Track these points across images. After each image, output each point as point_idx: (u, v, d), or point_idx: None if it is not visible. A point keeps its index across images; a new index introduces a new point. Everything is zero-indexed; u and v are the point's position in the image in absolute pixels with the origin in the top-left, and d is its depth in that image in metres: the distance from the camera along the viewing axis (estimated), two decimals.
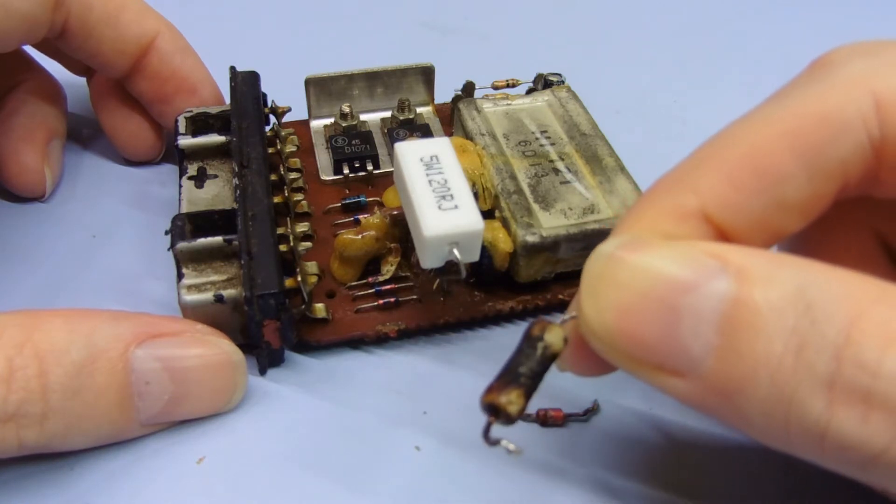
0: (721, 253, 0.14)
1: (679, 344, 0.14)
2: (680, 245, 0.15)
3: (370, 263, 0.23)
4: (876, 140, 0.15)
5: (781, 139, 0.15)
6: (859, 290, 0.13)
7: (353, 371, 0.22)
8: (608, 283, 0.15)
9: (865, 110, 0.15)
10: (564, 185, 0.24)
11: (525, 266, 0.22)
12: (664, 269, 0.14)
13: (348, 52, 0.35)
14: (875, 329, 0.13)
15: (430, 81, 0.29)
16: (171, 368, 0.19)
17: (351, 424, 0.20)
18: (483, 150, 0.24)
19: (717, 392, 0.14)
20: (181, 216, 0.21)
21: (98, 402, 0.18)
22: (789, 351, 0.13)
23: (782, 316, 0.13)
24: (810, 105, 0.15)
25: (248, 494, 0.19)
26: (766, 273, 0.14)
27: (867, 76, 0.15)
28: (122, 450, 0.19)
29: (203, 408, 0.20)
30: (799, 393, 0.13)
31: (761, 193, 0.15)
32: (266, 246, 0.20)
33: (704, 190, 0.16)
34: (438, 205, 0.19)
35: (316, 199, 0.25)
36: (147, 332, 0.19)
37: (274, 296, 0.20)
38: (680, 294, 0.14)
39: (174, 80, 0.26)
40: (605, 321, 0.15)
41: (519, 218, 0.22)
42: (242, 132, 0.24)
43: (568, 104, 0.27)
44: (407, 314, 0.22)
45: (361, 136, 0.27)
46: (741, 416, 0.14)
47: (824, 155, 0.15)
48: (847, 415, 0.13)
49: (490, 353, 0.22)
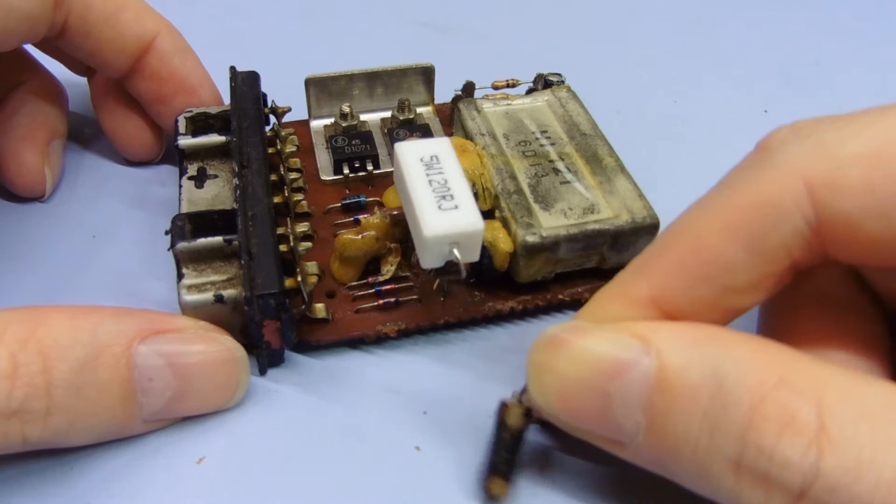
0: (645, 334, 0.16)
1: (613, 423, 0.16)
2: (610, 327, 0.17)
3: (370, 263, 0.23)
4: (813, 223, 0.16)
5: (723, 230, 0.16)
6: (765, 371, 0.15)
7: (353, 371, 0.22)
8: (548, 370, 0.17)
9: (798, 196, 0.16)
10: (564, 186, 0.24)
11: (525, 266, 0.22)
12: (595, 350, 0.16)
13: (348, 52, 0.35)
14: (773, 414, 0.14)
15: (431, 81, 0.29)
16: (175, 365, 0.19)
17: (351, 424, 0.20)
18: (483, 151, 0.24)
19: (651, 461, 0.16)
20: (181, 216, 0.21)
21: (101, 398, 0.18)
22: (703, 432, 0.15)
23: (696, 400, 0.15)
24: (748, 195, 0.16)
25: (248, 494, 0.19)
26: (683, 357, 0.15)
27: (798, 161, 0.16)
28: (122, 449, 0.19)
29: (206, 405, 0.20)
30: (714, 469, 0.15)
31: (709, 281, 0.16)
32: (266, 246, 0.20)
33: (656, 279, 0.17)
34: (438, 205, 0.19)
35: (316, 199, 0.25)
36: (150, 328, 0.19)
37: (274, 296, 0.20)
38: (609, 380, 0.16)
39: (173, 81, 0.26)
40: (549, 404, 0.17)
41: (519, 218, 0.22)
42: (242, 132, 0.24)
43: (568, 104, 0.27)
44: (407, 314, 0.22)
45: (361, 136, 0.27)
46: (676, 480, 0.16)
47: (765, 242, 0.16)
48: (752, 491, 0.14)
49: (490, 354, 0.23)
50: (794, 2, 0.41)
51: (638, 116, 0.32)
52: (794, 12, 0.40)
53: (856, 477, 0.13)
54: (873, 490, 0.13)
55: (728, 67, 0.36)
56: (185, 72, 0.26)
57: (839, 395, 0.14)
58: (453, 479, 0.19)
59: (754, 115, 0.33)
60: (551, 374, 0.17)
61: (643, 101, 0.33)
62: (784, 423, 0.14)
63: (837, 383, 0.14)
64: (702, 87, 0.34)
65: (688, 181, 0.26)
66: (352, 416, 0.21)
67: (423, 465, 0.20)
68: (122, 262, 0.24)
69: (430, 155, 0.20)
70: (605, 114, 0.29)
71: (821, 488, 0.13)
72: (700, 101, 0.33)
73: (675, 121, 0.32)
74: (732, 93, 0.34)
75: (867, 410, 0.14)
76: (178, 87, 0.26)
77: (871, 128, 0.16)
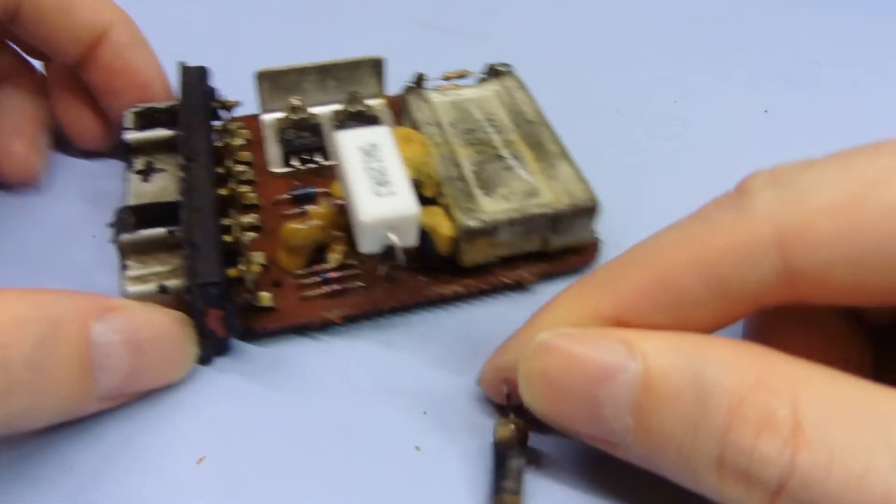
0: (630, 339, 0.16)
1: (603, 425, 0.17)
2: (596, 333, 0.17)
3: (317, 252, 0.23)
4: (782, 273, 0.16)
5: (693, 268, 0.17)
6: (744, 372, 0.15)
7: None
8: (539, 376, 0.18)
9: (770, 246, 0.16)
10: (508, 172, 0.24)
11: (467, 250, 0.23)
12: (584, 356, 0.17)
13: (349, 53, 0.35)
14: (751, 414, 0.15)
15: (381, 74, 0.29)
16: (130, 340, 0.19)
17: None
18: (428, 140, 0.25)
19: (640, 459, 0.17)
20: (124, 209, 0.21)
21: (61, 376, 0.18)
22: (687, 433, 0.15)
23: (680, 402, 0.16)
24: (720, 236, 0.17)
25: (249, 494, 0.19)
26: (667, 361, 0.16)
27: (772, 210, 0.16)
28: (121, 449, 0.19)
29: (158, 379, 0.20)
30: (698, 467, 0.15)
31: (672, 310, 0.17)
32: (209, 236, 0.21)
33: (620, 300, 0.18)
34: (375, 191, 0.20)
35: (265, 192, 0.26)
36: (103, 305, 0.19)
37: (216, 285, 0.20)
38: (598, 384, 0.16)
39: (125, 74, 0.26)
40: (541, 408, 0.18)
41: (461, 204, 0.23)
42: (189, 126, 0.24)
43: (515, 93, 0.27)
44: (353, 301, 0.23)
45: (311, 128, 0.27)
46: (665, 476, 0.17)
47: (732, 285, 0.16)
48: (733, 488, 0.15)
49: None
50: (794, 2, 0.40)
51: (638, 116, 0.32)
52: (794, 12, 0.40)
53: (827, 473, 0.14)
54: (843, 484, 0.14)
55: (728, 67, 0.35)
56: (138, 65, 0.26)
57: (814, 392, 0.15)
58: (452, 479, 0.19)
59: (754, 115, 0.32)
60: (543, 380, 0.17)
61: (643, 101, 0.33)
62: (762, 423, 0.15)
63: (813, 381, 0.15)
64: (702, 87, 0.34)
65: (688, 181, 0.27)
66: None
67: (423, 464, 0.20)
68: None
69: (369, 143, 0.21)
70: (606, 114, 0.30)
71: (796, 483, 0.14)
72: (700, 101, 0.33)
73: (676, 121, 0.32)
74: (732, 93, 0.34)
75: (840, 408, 0.15)
76: (129, 81, 0.26)
77: (844, 174, 0.16)
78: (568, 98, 0.31)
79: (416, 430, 0.20)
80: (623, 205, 0.26)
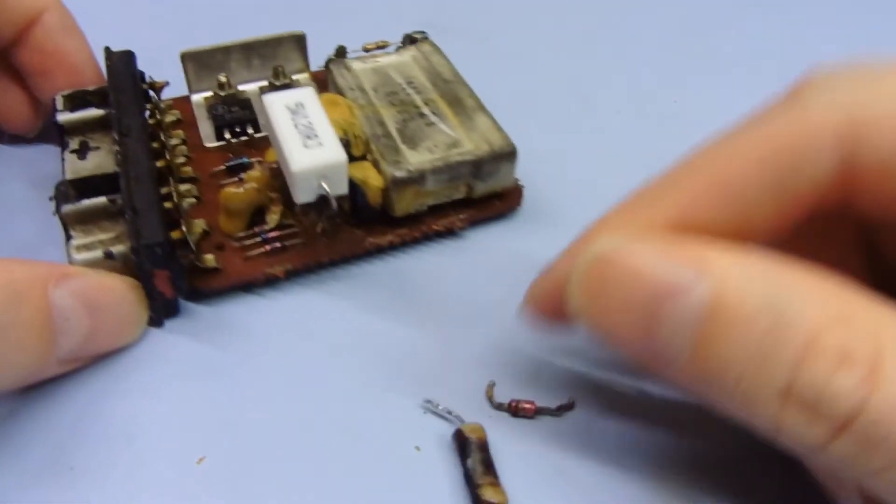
0: (702, 256, 0.15)
1: (657, 346, 0.16)
2: (662, 246, 0.16)
3: (256, 215, 0.25)
4: (847, 161, 0.15)
5: (749, 163, 0.16)
6: (825, 306, 0.15)
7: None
8: (594, 289, 0.16)
9: (836, 132, 0.15)
10: (430, 127, 0.26)
11: (398, 200, 0.24)
12: (647, 273, 0.16)
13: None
14: (828, 350, 0.14)
15: (304, 49, 0.30)
16: (88, 303, 0.20)
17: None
18: (353, 103, 0.26)
19: (688, 383, 0.16)
20: (63, 182, 0.22)
21: (24, 338, 0.18)
22: (753, 361, 0.15)
23: (751, 329, 0.15)
24: (785, 126, 0.16)
25: (249, 494, 0.19)
26: (742, 285, 0.15)
27: (840, 96, 0.16)
28: (121, 449, 0.20)
29: (115, 341, 0.21)
30: (759, 396, 0.15)
31: (731, 212, 0.16)
32: (149, 202, 0.22)
33: (679, 205, 0.17)
34: (304, 143, 0.21)
35: (201, 166, 0.27)
36: (59, 271, 0.20)
37: (160, 244, 0.21)
38: (659, 304, 0.15)
39: (56, 56, 0.27)
40: (591, 321, 0.17)
41: (388, 157, 0.24)
42: (121, 105, 0.25)
43: (432, 57, 0.29)
44: (294, 256, 0.24)
45: (240, 103, 0.28)
46: (711, 402, 0.16)
47: (789, 180, 0.16)
48: (796, 419, 0.15)
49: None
50: (793, 2, 0.40)
51: (638, 116, 0.32)
52: (794, 12, 0.40)
53: None
54: None
55: (728, 67, 0.35)
56: (70, 49, 0.27)
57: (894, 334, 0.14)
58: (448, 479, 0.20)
59: None
60: (596, 294, 0.16)
61: (643, 101, 0.33)
62: (840, 358, 0.14)
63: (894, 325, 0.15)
64: (702, 88, 0.34)
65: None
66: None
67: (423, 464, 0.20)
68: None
69: (295, 102, 0.22)
70: (606, 114, 0.30)
71: (866, 420, 0.14)
72: (700, 102, 0.33)
73: (676, 121, 0.32)
74: (732, 93, 0.33)
75: None
76: (60, 63, 0.27)
77: None
78: (568, 98, 0.33)
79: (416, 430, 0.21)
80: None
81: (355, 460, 0.20)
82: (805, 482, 0.19)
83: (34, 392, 0.21)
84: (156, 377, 0.21)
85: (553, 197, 0.28)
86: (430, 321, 0.23)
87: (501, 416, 0.21)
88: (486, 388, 0.21)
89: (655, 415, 0.21)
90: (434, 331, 0.23)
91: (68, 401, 0.21)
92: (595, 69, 0.35)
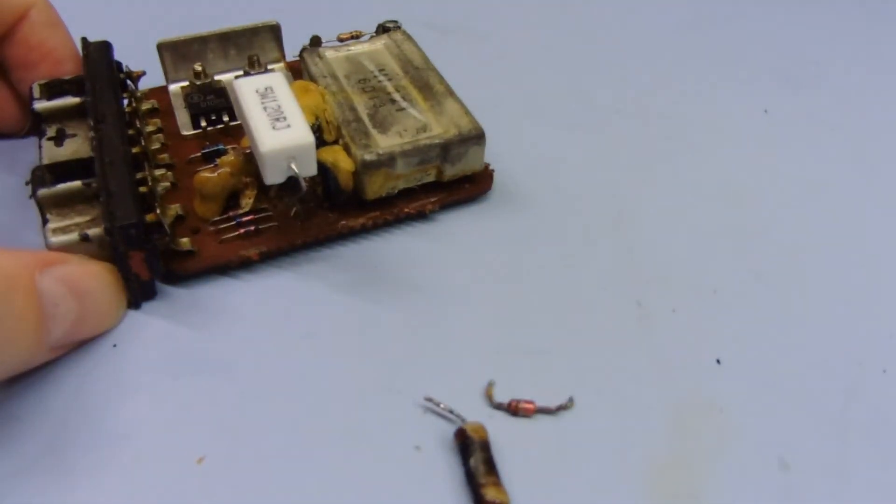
0: None
1: None
2: None
3: (230, 199, 0.25)
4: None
5: None
6: None
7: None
8: None
9: None
10: (400, 112, 0.26)
11: (369, 183, 0.25)
12: None
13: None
14: None
15: (279, 38, 0.31)
16: (74, 289, 0.20)
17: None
18: (325, 90, 0.27)
19: None
20: (39, 167, 0.23)
21: (18, 327, 0.19)
22: None
23: None
24: None
25: (249, 494, 0.19)
26: None
27: None
28: (121, 449, 0.20)
29: (100, 325, 0.22)
30: None
31: None
32: (124, 184, 0.22)
33: None
34: (273, 126, 0.22)
35: (178, 154, 0.27)
36: (43, 259, 0.20)
37: (134, 226, 0.21)
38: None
39: (40, 50, 0.27)
40: None
41: (358, 141, 0.25)
42: (97, 93, 0.25)
43: (403, 45, 0.29)
44: (268, 239, 0.25)
45: (216, 91, 0.29)
46: None
47: None
48: None
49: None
50: (793, 2, 0.41)
51: (638, 116, 0.32)
52: (793, 12, 0.40)
53: None
54: None
55: (728, 67, 0.36)
56: (54, 43, 0.27)
57: None
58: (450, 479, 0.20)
59: (754, 115, 0.33)
60: None
61: (643, 101, 0.33)
62: None
63: None
64: (702, 87, 0.34)
65: (688, 180, 0.29)
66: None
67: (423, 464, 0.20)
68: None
69: (265, 86, 0.23)
70: (606, 114, 0.30)
71: None
72: (700, 101, 0.33)
73: (676, 121, 0.32)
74: (732, 93, 0.34)
75: None
76: (44, 56, 0.27)
77: None
78: (568, 98, 0.33)
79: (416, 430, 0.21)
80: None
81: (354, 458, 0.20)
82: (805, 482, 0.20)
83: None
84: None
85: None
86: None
87: (501, 415, 0.21)
88: (485, 387, 0.21)
89: (655, 415, 0.21)
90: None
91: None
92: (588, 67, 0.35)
